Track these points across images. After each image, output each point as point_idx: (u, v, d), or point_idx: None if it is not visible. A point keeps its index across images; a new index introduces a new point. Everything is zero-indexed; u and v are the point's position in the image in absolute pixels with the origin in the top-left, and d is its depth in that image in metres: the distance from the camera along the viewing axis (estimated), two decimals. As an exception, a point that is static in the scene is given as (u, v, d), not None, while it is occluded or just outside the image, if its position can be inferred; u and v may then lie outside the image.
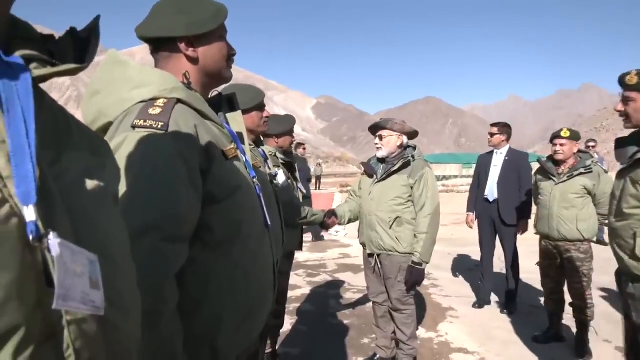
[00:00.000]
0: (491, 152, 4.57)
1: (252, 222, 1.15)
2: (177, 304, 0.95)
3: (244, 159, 1.23)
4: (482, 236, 4.58)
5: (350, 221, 3.15)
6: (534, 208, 3.77)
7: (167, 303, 0.91)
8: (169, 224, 0.93)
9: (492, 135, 4.47)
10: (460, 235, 8.81)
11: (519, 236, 4.45)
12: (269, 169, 2.39)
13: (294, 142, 3.10)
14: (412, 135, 3.04)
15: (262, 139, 2.76)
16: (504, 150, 4.46)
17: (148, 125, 0.97)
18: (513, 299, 4.45)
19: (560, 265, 3.58)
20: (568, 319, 3.73)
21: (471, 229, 4.71)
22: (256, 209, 1.19)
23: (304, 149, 8.68)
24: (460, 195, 15.83)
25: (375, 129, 3.05)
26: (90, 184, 0.55)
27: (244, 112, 2.23)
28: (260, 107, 2.34)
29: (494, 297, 4.79)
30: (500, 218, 4.37)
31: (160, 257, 0.91)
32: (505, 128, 4.47)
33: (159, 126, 0.97)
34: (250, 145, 2.14)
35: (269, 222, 1.25)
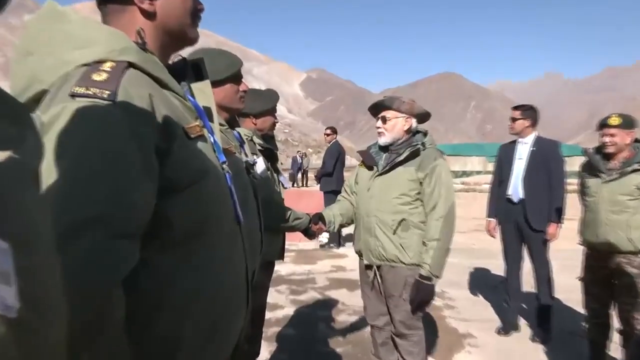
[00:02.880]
0: (514, 142, 4.60)
1: (221, 218, 1.18)
2: (126, 315, 0.95)
3: (212, 140, 1.26)
4: (506, 246, 4.62)
5: (342, 226, 3.16)
6: (580, 211, 3.77)
7: (112, 313, 0.91)
8: (117, 216, 0.93)
9: (513, 120, 4.52)
10: (483, 245, 8.86)
11: (551, 246, 4.47)
12: (246, 155, 2.39)
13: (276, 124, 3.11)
14: (423, 117, 3.03)
15: (237, 119, 2.75)
16: (530, 139, 4.49)
17: (91, 93, 0.97)
18: (546, 323, 4.47)
19: (608, 282, 3.58)
20: (615, 349, 3.75)
21: (493, 238, 4.73)
22: (226, 202, 1.22)
23: (336, 133, 8.86)
24: (483, 196, 15.78)
25: (377, 108, 3.03)
26: (4, 157, 0.55)
27: (216, 83, 2.19)
28: (236, 78, 2.32)
29: (522, 321, 4.82)
30: (527, 223, 4.41)
31: (105, 256, 0.91)
32: (529, 111, 4.52)
33: (105, 95, 0.97)
34: (222, 125, 2.16)
35: (241, 219, 1.28)
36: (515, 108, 4.58)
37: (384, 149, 3.06)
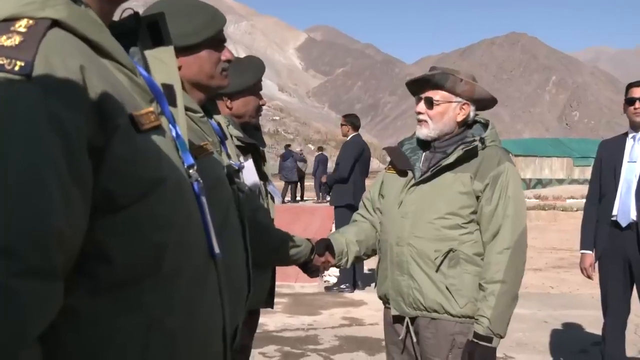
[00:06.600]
0: (623, 137, 3.93)
1: (184, 249, 1.04)
2: None
3: (173, 133, 1.16)
4: (607, 292, 3.95)
5: (358, 260, 2.84)
6: None
7: None
8: (31, 245, 0.81)
9: (630, 102, 3.76)
10: (566, 289, 7.81)
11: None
12: (229, 157, 2.17)
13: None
14: (486, 104, 2.64)
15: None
16: None
17: None
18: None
19: None
20: None
21: (589, 279, 4.07)
22: (192, 226, 1.10)
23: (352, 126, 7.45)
24: (567, 216, 14.59)
25: (421, 86, 2.62)
26: None
27: (187, 50, 1.96)
28: (216, 42, 2.03)
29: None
30: None
31: (12, 302, 0.78)
32: None
33: (17, 68, 0.84)
34: (195, 113, 1.99)
35: (217, 252, 1.19)
36: (634, 86, 3.86)
37: (425, 145, 2.64)
